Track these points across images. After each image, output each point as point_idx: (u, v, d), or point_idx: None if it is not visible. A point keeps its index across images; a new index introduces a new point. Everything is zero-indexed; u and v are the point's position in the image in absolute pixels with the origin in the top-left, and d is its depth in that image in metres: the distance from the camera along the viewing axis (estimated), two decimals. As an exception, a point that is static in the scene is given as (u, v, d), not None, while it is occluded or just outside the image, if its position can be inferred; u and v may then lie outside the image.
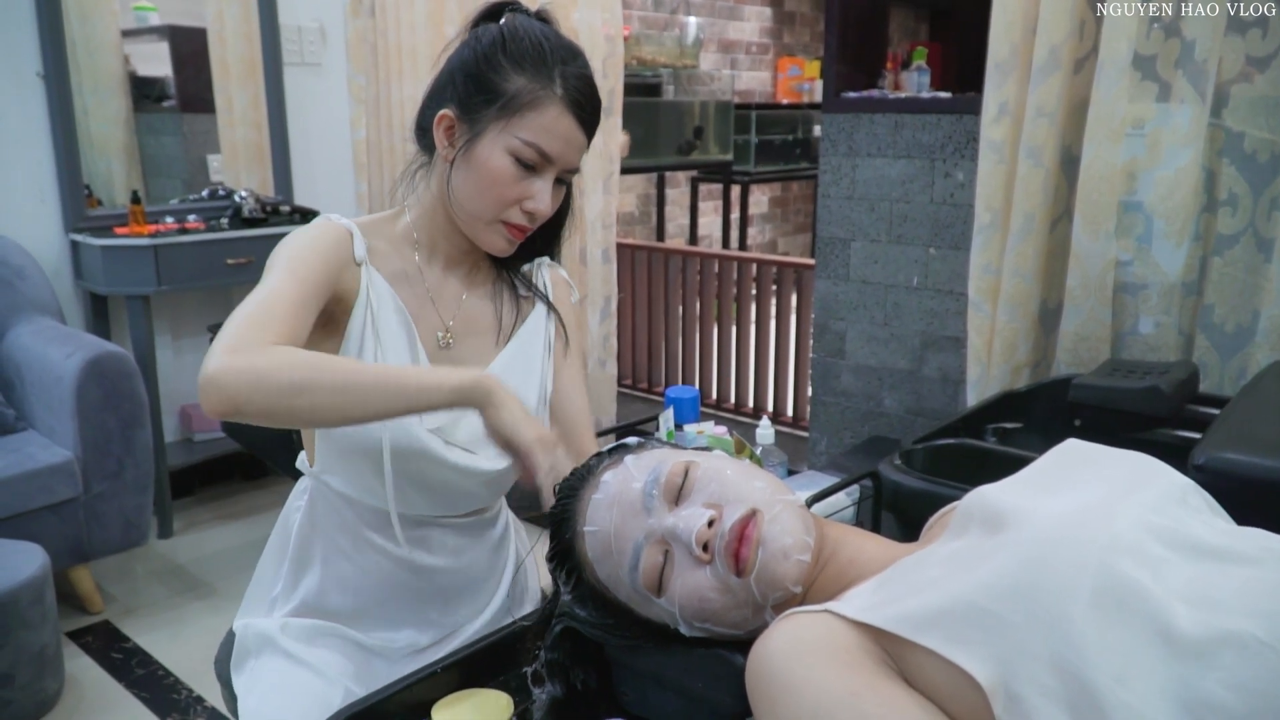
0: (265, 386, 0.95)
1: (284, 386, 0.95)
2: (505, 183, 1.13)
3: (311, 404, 0.96)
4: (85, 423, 2.48)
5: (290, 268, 1.08)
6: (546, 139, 1.12)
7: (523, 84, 1.11)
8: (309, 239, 1.13)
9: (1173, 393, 1.60)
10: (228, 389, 0.94)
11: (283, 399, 0.95)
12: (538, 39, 1.13)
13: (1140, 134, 1.96)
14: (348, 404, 0.98)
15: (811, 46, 7.25)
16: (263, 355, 0.96)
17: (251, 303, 1.03)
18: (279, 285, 1.06)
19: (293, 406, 0.96)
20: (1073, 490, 0.78)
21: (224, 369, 0.94)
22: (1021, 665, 0.66)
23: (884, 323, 2.70)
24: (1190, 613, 0.66)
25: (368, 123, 3.65)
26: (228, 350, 0.96)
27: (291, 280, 1.07)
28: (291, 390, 0.95)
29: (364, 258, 1.16)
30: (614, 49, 3.10)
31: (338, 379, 0.98)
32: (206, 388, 0.94)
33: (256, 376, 0.95)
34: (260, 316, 1.01)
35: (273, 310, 1.02)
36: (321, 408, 0.97)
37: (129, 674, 2.39)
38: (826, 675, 0.73)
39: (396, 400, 0.99)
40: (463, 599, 1.31)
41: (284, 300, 1.04)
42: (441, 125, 1.15)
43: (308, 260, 1.10)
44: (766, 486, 0.88)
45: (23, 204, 2.94)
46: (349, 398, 0.98)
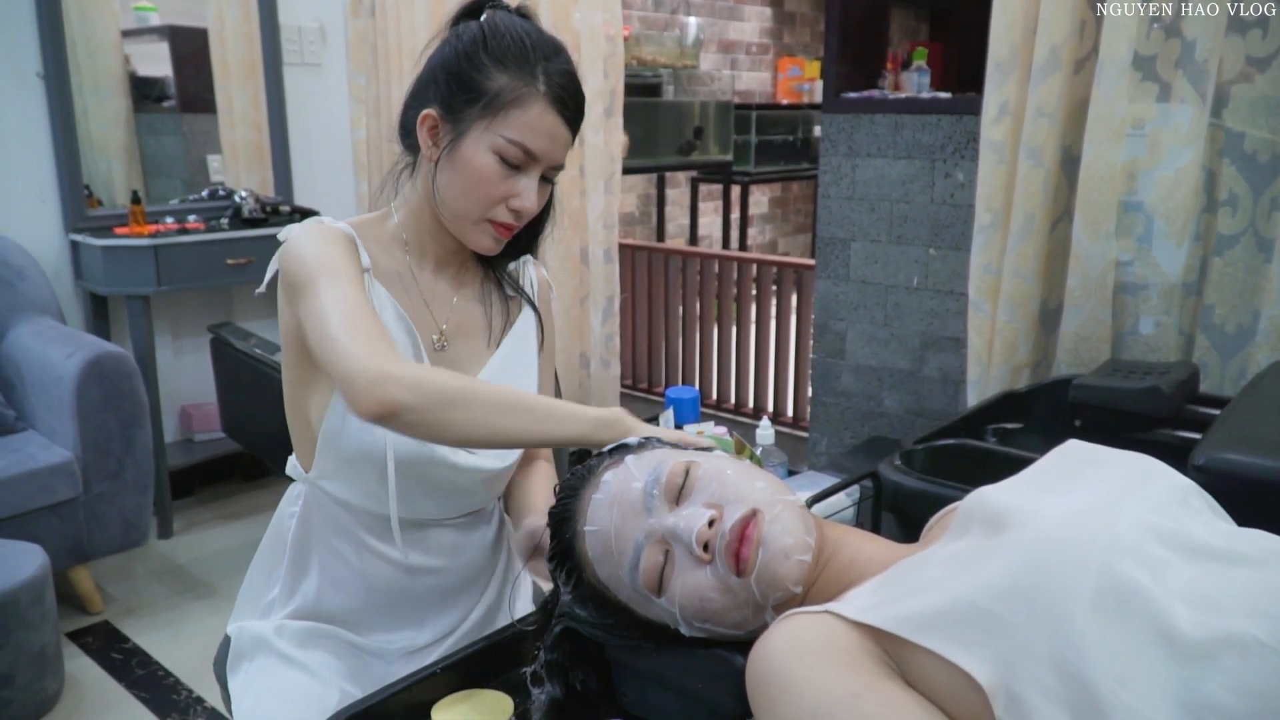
0: (427, 394, 0.96)
1: (444, 397, 0.97)
2: (490, 181, 1.12)
3: (466, 417, 0.98)
4: (85, 423, 2.48)
5: (335, 276, 1.07)
6: (531, 136, 1.11)
7: (505, 82, 1.10)
8: (331, 245, 1.12)
9: (1173, 393, 1.60)
10: (390, 393, 0.95)
11: (441, 409, 0.97)
12: (519, 35, 1.12)
13: (1140, 134, 1.96)
14: (500, 421, 0.99)
15: (812, 47, 7.25)
16: (413, 366, 0.98)
17: (342, 319, 1.02)
18: (351, 294, 1.05)
19: (448, 418, 0.97)
20: (1074, 491, 0.78)
21: (385, 375, 0.95)
22: (1022, 666, 0.66)
23: (884, 323, 2.70)
24: (1191, 614, 0.66)
25: (368, 123, 3.65)
26: (374, 355, 0.97)
27: (356, 288, 1.07)
28: (450, 401, 0.97)
29: (368, 265, 1.16)
30: (615, 49, 3.09)
31: (492, 395, 1.00)
32: (368, 389, 0.95)
33: (417, 384, 0.96)
34: (373, 328, 1.02)
35: (371, 324, 1.03)
36: (474, 422, 0.99)
37: (129, 674, 2.39)
38: (827, 676, 0.72)
39: (544, 423, 1.01)
40: (460, 598, 1.31)
41: (367, 311, 1.05)
42: (425, 125, 1.14)
43: (349, 268, 1.10)
44: (767, 486, 0.88)
45: (23, 204, 2.94)
46: (502, 415, 0.99)
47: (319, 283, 1.06)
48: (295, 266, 1.09)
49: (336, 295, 1.05)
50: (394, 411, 0.95)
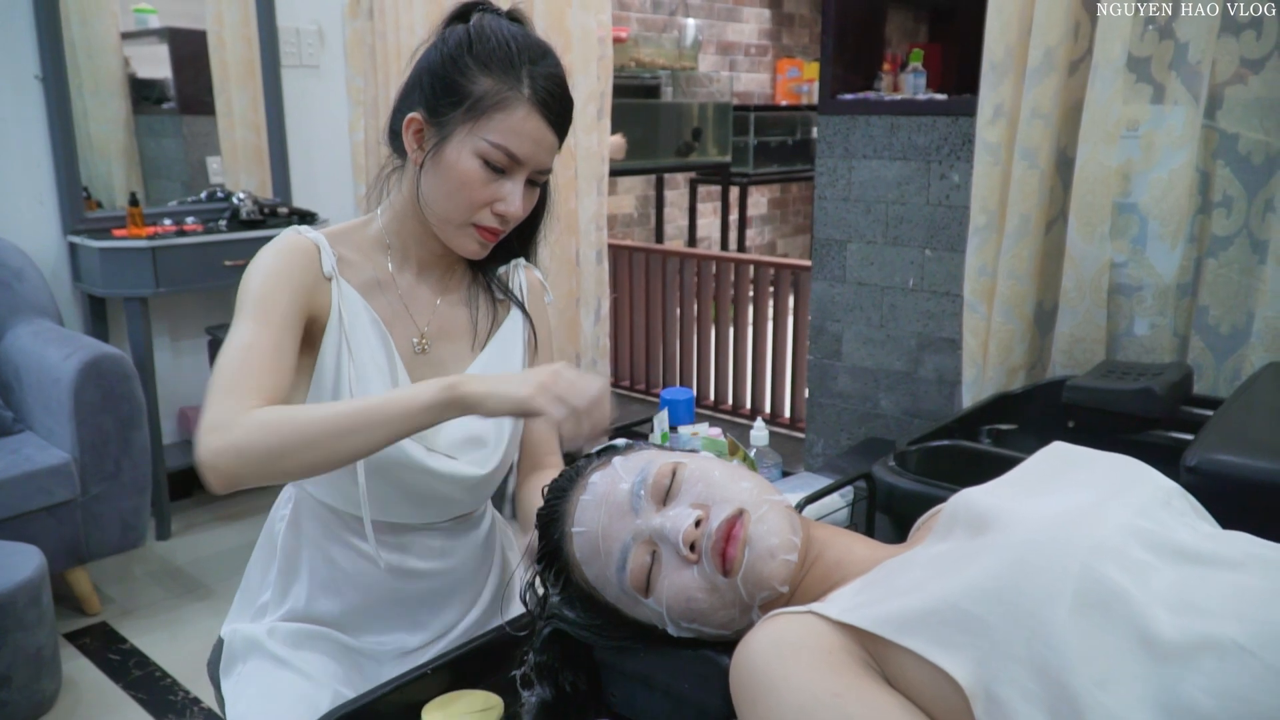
0: (250, 459, 0.96)
1: (267, 454, 0.96)
2: (474, 185, 1.11)
3: (299, 461, 0.97)
4: (83, 424, 2.48)
5: (260, 312, 1.08)
6: (515, 140, 1.10)
7: (489, 85, 1.10)
8: (274, 269, 1.12)
9: (1166, 394, 1.60)
10: (219, 471, 0.96)
11: (269, 464, 0.97)
12: (505, 39, 1.11)
13: (1135, 136, 1.96)
14: (333, 450, 0.98)
15: (810, 48, 7.26)
16: (240, 429, 0.97)
17: (226, 360, 1.04)
18: (252, 337, 1.06)
19: (282, 468, 0.97)
20: (1057, 493, 0.79)
21: (210, 453, 0.97)
22: (1002, 668, 0.66)
23: (880, 324, 2.70)
24: (1172, 618, 0.66)
25: (366, 124, 3.66)
26: (209, 430, 0.98)
27: (264, 327, 1.07)
28: (274, 455, 0.96)
29: (333, 271, 1.15)
30: (605, 51, 3.10)
31: (315, 431, 0.97)
32: (205, 474, 0.97)
33: (238, 452, 0.96)
34: (237, 377, 1.02)
35: (249, 366, 1.03)
36: (309, 462, 0.98)
37: (126, 675, 2.39)
38: (809, 676, 0.73)
39: (380, 431, 0.99)
40: (451, 600, 1.31)
41: (258, 352, 1.05)
42: (410, 129, 1.14)
43: (276, 298, 1.09)
44: (753, 487, 0.88)
45: (21, 206, 2.95)
46: (332, 444, 0.98)
47: (239, 316, 1.08)
48: (240, 289, 1.11)
49: (240, 339, 1.05)
50: (232, 483, 0.97)
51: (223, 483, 0.97)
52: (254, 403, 1.00)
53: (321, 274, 1.14)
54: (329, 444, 0.97)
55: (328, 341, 1.15)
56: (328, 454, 0.98)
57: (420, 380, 1.17)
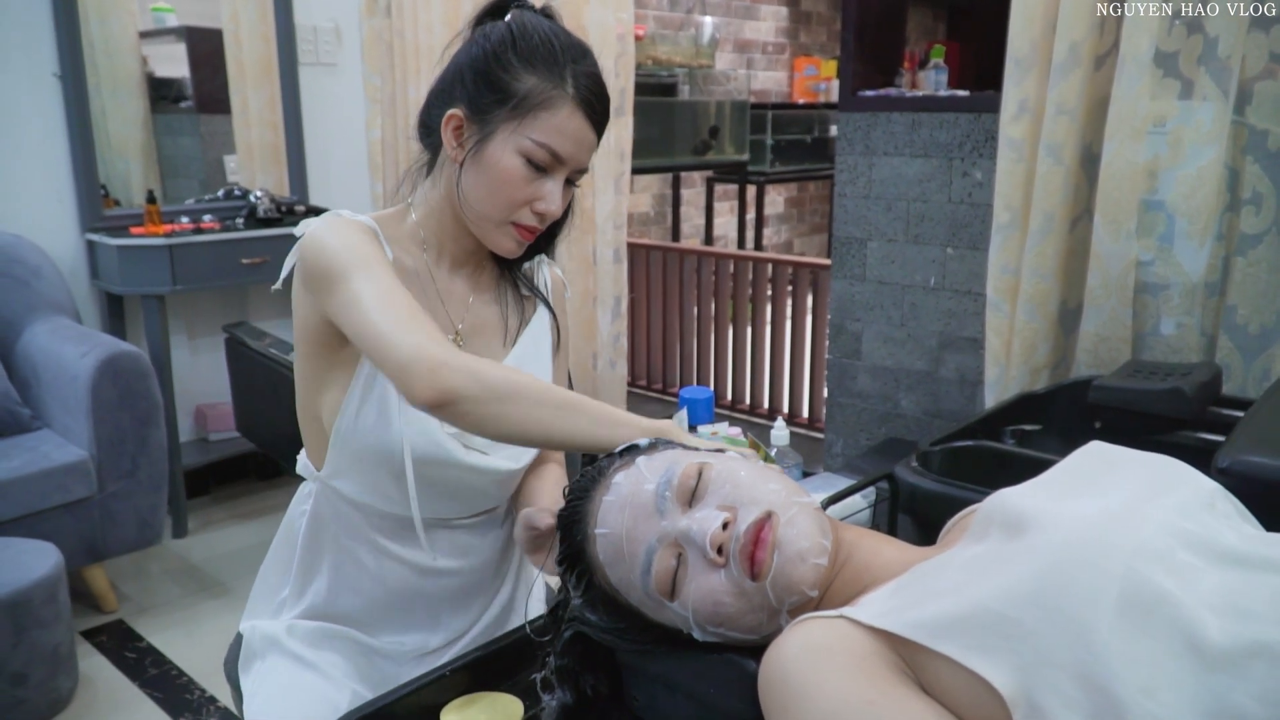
0: (485, 385, 0.95)
1: (500, 389, 0.96)
2: (516, 184, 1.11)
3: (522, 412, 0.97)
4: (100, 422, 2.48)
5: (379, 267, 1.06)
6: (559, 139, 1.10)
7: (534, 83, 1.09)
8: (354, 237, 1.10)
9: (1195, 395, 1.58)
10: (449, 381, 0.94)
11: (497, 401, 0.96)
12: (547, 37, 1.11)
13: (1162, 132, 1.93)
14: (554, 420, 0.98)
15: (828, 46, 7.23)
16: (472, 357, 0.97)
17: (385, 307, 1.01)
18: (387, 285, 1.04)
19: (503, 411, 0.96)
20: (1097, 494, 0.76)
21: (443, 362, 0.94)
22: (1044, 675, 0.64)
23: (901, 323, 2.68)
24: (1219, 622, 0.64)
25: (383, 123, 3.65)
26: (433, 342, 0.96)
27: (394, 279, 1.05)
28: (507, 394, 0.96)
29: (390, 257, 1.14)
30: (625, 48, 3.08)
31: (547, 394, 0.98)
32: (427, 377, 0.94)
33: (475, 374, 0.95)
34: (420, 317, 1.00)
35: (415, 309, 1.02)
36: (529, 418, 0.97)
37: (142, 673, 2.39)
38: (842, 682, 0.71)
39: (597, 426, 0.99)
40: (472, 600, 1.30)
41: (412, 301, 1.03)
42: (450, 125, 1.13)
43: (381, 258, 1.08)
44: (781, 489, 0.86)
45: (39, 204, 2.95)
46: (557, 415, 0.98)
47: (352, 275, 1.04)
48: (321, 259, 1.07)
49: (375, 285, 1.03)
50: (451, 399, 0.94)
51: (444, 395, 0.94)
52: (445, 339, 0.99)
53: (385, 255, 1.13)
54: (555, 414, 0.98)
55: None
56: (549, 421, 0.98)
57: None
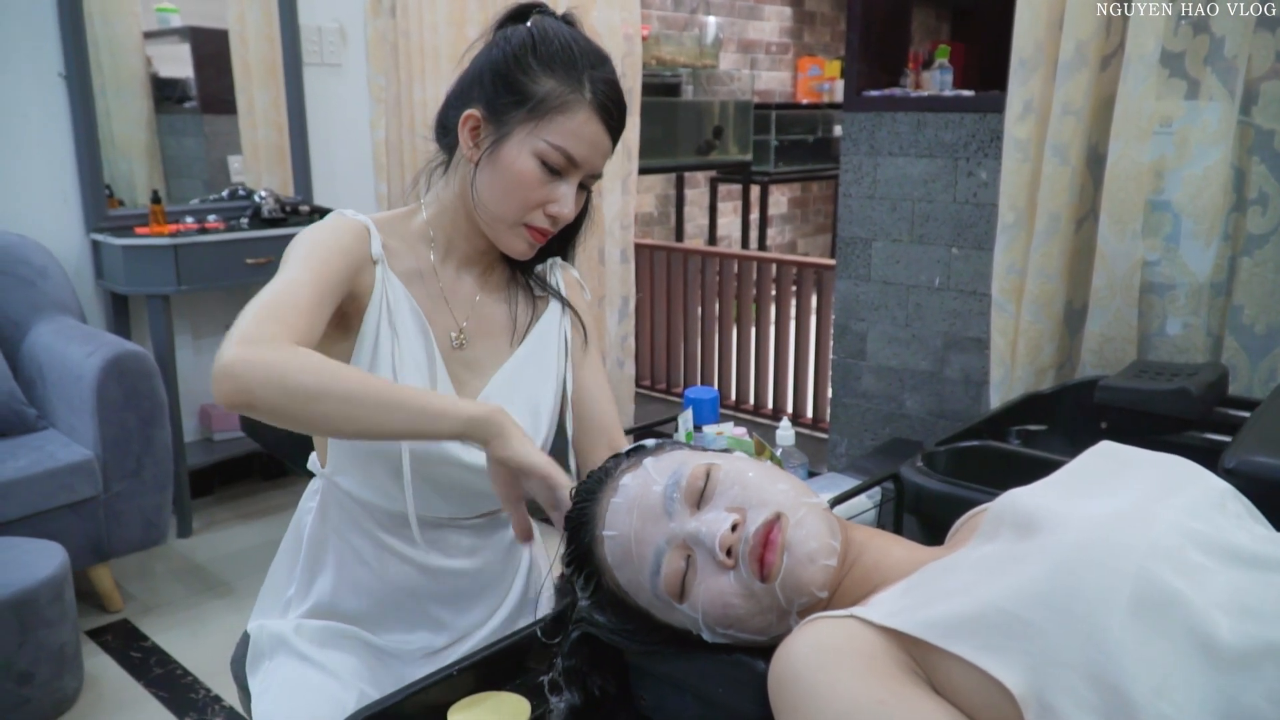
0: (281, 384, 0.93)
1: (300, 388, 0.94)
2: (530, 185, 1.12)
3: (325, 411, 0.95)
4: (105, 422, 2.49)
5: (308, 262, 1.07)
6: (574, 143, 1.11)
7: (552, 87, 1.10)
8: (327, 233, 1.12)
9: (1202, 395, 1.57)
10: (243, 380, 0.93)
11: (297, 400, 0.94)
12: (567, 42, 1.12)
13: (1168, 132, 1.93)
14: (361, 417, 0.97)
15: (832, 46, 7.22)
16: (281, 351, 0.95)
17: (268, 294, 1.02)
18: (296, 278, 1.04)
19: (306, 410, 0.95)
20: (1108, 494, 0.76)
21: (240, 359, 0.93)
22: (1055, 675, 0.64)
23: (905, 324, 2.67)
24: (1231, 623, 0.64)
25: (387, 123, 3.66)
26: (245, 341, 0.95)
27: (309, 274, 1.05)
28: (307, 394, 0.94)
29: (380, 255, 1.15)
30: (632, 48, 3.09)
31: (354, 390, 0.96)
32: (221, 376, 0.93)
33: (273, 373, 0.93)
34: (277, 309, 1.00)
35: (290, 303, 1.01)
36: (334, 416, 0.96)
37: (147, 673, 2.39)
38: (852, 682, 0.71)
39: (409, 421, 0.98)
40: (477, 601, 1.30)
41: (302, 294, 1.03)
42: (467, 125, 1.14)
43: (326, 255, 1.09)
44: (790, 489, 0.86)
45: (45, 204, 2.96)
46: (363, 411, 0.96)
47: (284, 269, 1.06)
48: (287, 253, 1.10)
49: (284, 279, 1.04)
50: (247, 398, 0.93)
51: (238, 395, 0.93)
52: (292, 338, 0.98)
53: (369, 255, 1.14)
54: (363, 410, 0.96)
55: (367, 324, 1.14)
56: (355, 419, 0.96)
57: (455, 373, 1.20)
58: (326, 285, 1.07)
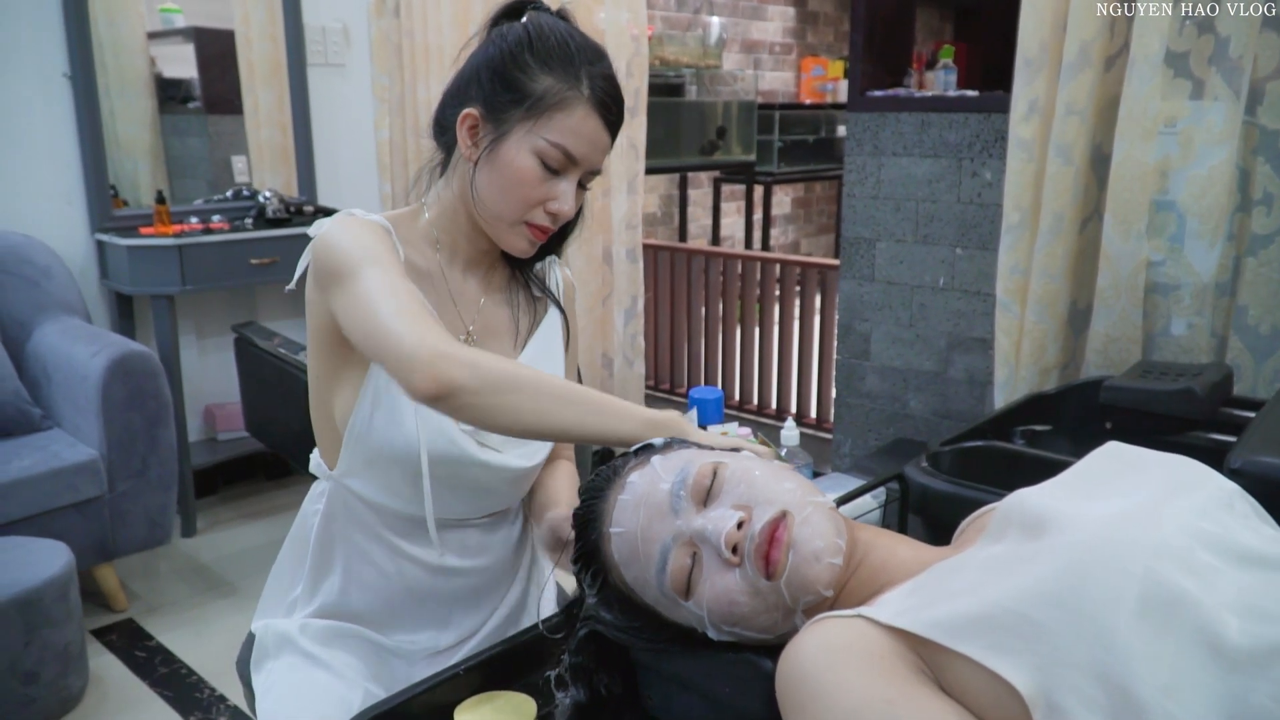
0: (485, 376, 0.95)
1: (501, 380, 0.96)
2: (530, 184, 1.11)
3: (522, 403, 0.96)
4: (110, 421, 2.49)
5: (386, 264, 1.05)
6: (573, 140, 1.10)
7: (550, 84, 1.09)
8: (365, 235, 1.10)
9: (1206, 395, 1.57)
10: (448, 372, 0.93)
11: (497, 392, 0.95)
12: (564, 38, 1.11)
13: (1173, 132, 1.93)
14: (553, 410, 0.98)
15: (835, 46, 7.22)
16: (470, 350, 0.97)
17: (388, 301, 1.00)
18: (394, 280, 1.03)
19: (504, 402, 0.96)
20: (1116, 494, 0.76)
21: (443, 354, 0.94)
22: (1064, 675, 0.64)
23: (909, 324, 2.67)
24: (1239, 623, 0.64)
25: (391, 123, 3.66)
26: (433, 335, 0.96)
27: (398, 276, 1.05)
28: (507, 385, 0.96)
29: (403, 258, 1.14)
30: (639, 49, 3.09)
31: (547, 384, 0.98)
32: (426, 369, 0.93)
33: (475, 365, 0.95)
34: (416, 312, 1.00)
35: (419, 302, 1.02)
36: (530, 409, 0.97)
37: (152, 672, 2.39)
38: (860, 681, 0.71)
39: (598, 417, 0.99)
40: (483, 599, 1.30)
41: (414, 294, 1.03)
42: (465, 124, 1.13)
43: (388, 256, 1.08)
44: (796, 488, 0.86)
45: (49, 204, 2.96)
46: (558, 405, 0.98)
47: (360, 272, 1.04)
48: (332, 257, 1.07)
49: (382, 281, 1.03)
50: (451, 391, 0.94)
51: (442, 387, 0.93)
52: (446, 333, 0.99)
53: (397, 254, 1.13)
54: (554, 404, 0.97)
55: None
56: (547, 410, 0.97)
57: None
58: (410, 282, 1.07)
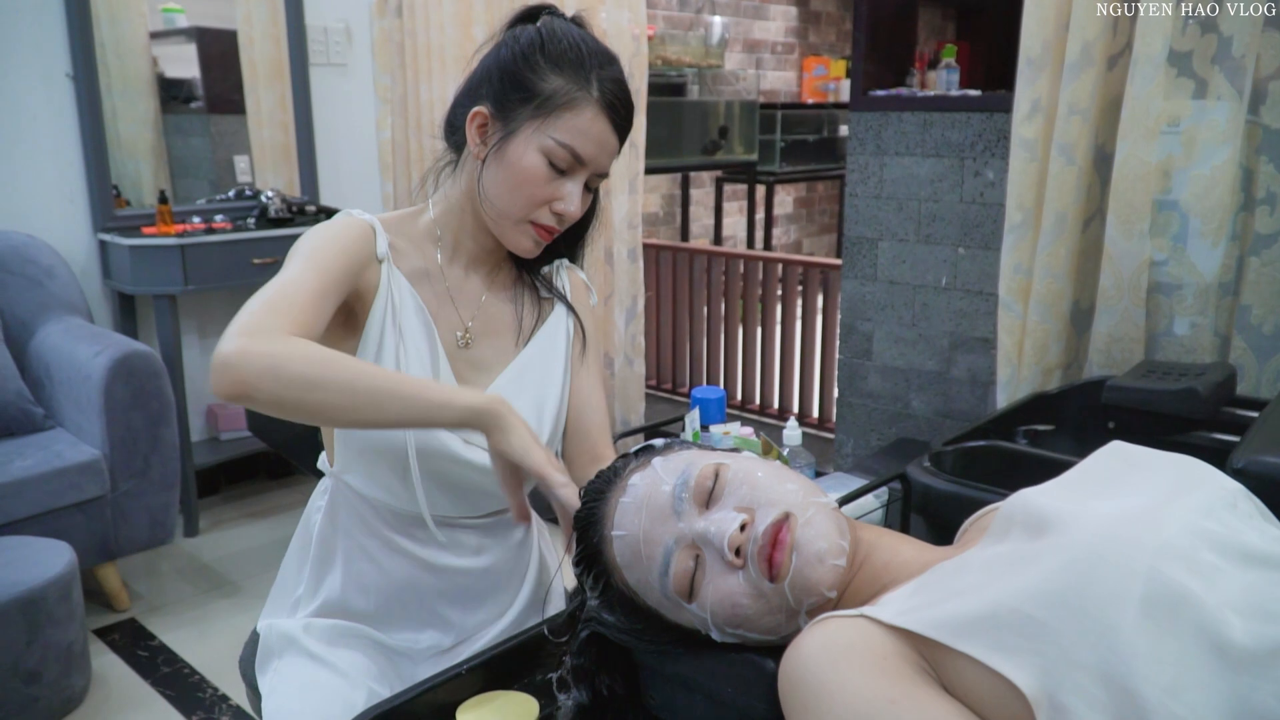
0: (280, 375, 0.94)
1: (298, 378, 0.95)
2: (536, 182, 1.12)
3: (323, 400, 0.96)
4: (113, 421, 2.49)
5: (312, 259, 1.08)
6: (581, 141, 1.12)
7: (560, 85, 1.11)
8: (333, 233, 1.13)
9: (1209, 395, 1.57)
10: (241, 372, 0.94)
11: (295, 390, 0.95)
12: (575, 41, 1.13)
13: (1176, 131, 1.93)
14: (360, 406, 0.98)
15: (837, 46, 7.22)
16: (280, 343, 0.96)
17: (270, 289, 1.03)
18: (299, 274, 1.05)
19: (304, 400, 0.96)
20: (1119, 494, 0.76)
21: (239, 351, 0.94)
22: (1067, 675, 0.64)
23: (912, 323, 2.67)
24: (1243, 623, 0.63)
25: (393, 123, 3.66)
26: (244, 333, 0.96)
27: (312, 271, 1.06)
28: (305, 384, 0.95)
29: (385, 254, 1.16)
30: (640, 49, 3.09)
31: (353, 379, 0.97)
32: (220, 369, 0.94)
33: (272, 363, 0.94)
34: (278, 303, 1.01)
35: (292, 298, 1.02)
36: (333, 406, 0.97)
37: (155, 672, 2.40)
38: (863, 681, 0.71)
39: (409, 410, 0.99)
40: (485, 600, 1.30)
41: (304, 289, 1.04)
42: (475, 122, 1.15)
43: (330, 253, 1.09)
44: (799, 489, 0.86)
45: (52, 204, 2.96)
46: (362, 400, 0.97)
47: (288, 266, 1.07)
48: (291, 250, 1.11)
49: (286, 275, 1.05)
50: (246, 390, 0.94)
51: (237, 387, 0.94)
52: (291, 332, 0.99)
53: (374, 254, 1.15)
54: (361, 400, 0.97)
55: (372, 322, 1.15)
56: (354, 408, 0.97)
57: (460, 372, 1.20)
58: (328, 282, 1.07)
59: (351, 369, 0.98)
